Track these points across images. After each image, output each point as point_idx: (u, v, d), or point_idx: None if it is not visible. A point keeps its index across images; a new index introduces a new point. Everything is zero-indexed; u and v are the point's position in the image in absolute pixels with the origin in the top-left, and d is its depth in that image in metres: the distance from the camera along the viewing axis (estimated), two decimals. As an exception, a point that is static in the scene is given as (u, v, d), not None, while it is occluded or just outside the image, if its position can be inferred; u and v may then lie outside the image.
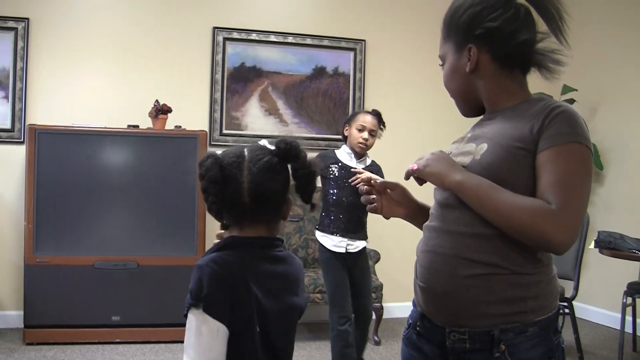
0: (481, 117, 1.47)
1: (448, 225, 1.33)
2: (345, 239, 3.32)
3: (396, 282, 4.71)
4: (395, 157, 4.89)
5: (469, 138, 1.40)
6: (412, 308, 1.48)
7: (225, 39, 4.64)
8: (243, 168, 1.29)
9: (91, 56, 4.41)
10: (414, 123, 4.97)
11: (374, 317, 4.34)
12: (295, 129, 4.80)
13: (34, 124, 3.98)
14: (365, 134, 3.35)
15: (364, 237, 3.43)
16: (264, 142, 1.34)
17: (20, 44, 4.28)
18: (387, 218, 1.57)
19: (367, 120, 3.38)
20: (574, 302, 3.85)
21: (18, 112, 4.29)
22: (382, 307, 4.25)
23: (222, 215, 1.32)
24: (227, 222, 1.35)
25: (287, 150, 1.31)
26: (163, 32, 4.53)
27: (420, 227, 1.48)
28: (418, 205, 1.57)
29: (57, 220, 3.92)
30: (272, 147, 1.33)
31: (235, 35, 4.66)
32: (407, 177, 1.44)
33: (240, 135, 4.68)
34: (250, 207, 1.29)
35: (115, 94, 4.42)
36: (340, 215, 3.34)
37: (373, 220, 4.89)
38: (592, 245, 3.69)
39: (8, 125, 4.27)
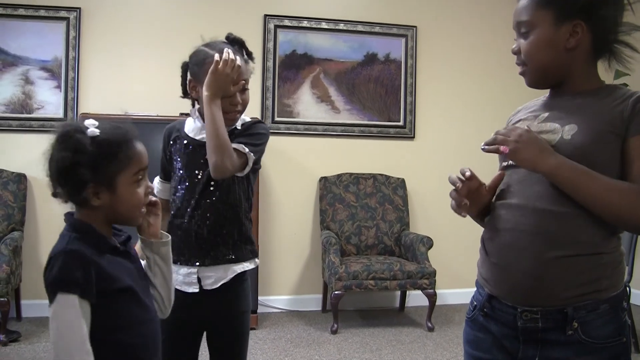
0: (545, 96, 1.45)
1: (530, 202, 1.32)
2: (195, 268, 1.86)
3: (449, 268, 4.69)
4: (449, 143, 4.89)
5: (548, 117, 1.38)
6: (474, 290, 1.47)
7: (276, 27, 4.62)
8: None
9: (142, 44, 4.42)
10: (468, 109, 4.95)
11: (427, 303, 4.25)
12: (347, 116, 4.78)
13: (87, 113, 4.00)
14: (238, 97, 1.84)
15: (239, 259, 1.89)
16: (89, 122, 1.33)
17: (72, 33, 4.30)
18: (464, 216, 1.46)
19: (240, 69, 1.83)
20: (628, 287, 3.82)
21: (70, 102, 4.31)
22: (435, 294, 4.20)
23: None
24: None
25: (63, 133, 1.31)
26: (214, 20, 4.51)
27: (480, 218, 1.47)
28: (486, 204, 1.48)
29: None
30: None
31: (286, 22, 4.64)
32: (491, 151, 1.36)
33: (293, 123, 4.68)
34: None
35: (167, 81, 4.33)
36: (186, 224, 1.86)
37: (424, 205, 4.90)
38: (646, 229, 3.66)
39: (61, 114, 4.29)
